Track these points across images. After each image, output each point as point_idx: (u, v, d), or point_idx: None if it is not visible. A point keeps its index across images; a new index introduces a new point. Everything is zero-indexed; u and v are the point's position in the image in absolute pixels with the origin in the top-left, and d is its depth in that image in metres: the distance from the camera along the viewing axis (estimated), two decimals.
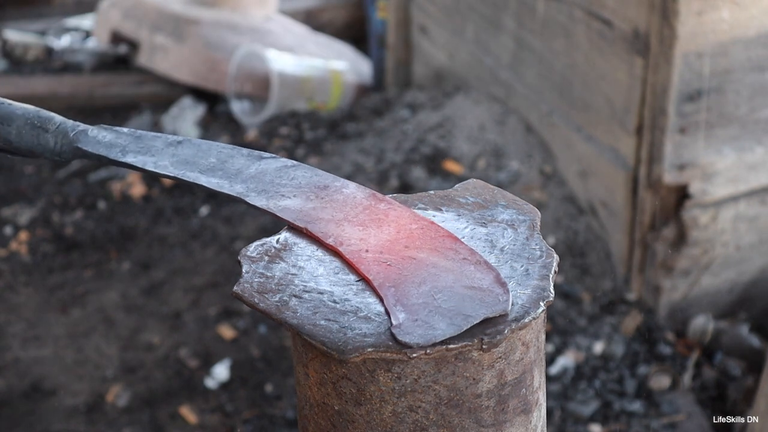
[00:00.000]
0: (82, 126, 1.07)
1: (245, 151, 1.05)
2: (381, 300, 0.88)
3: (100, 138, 1.06)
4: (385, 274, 0.90)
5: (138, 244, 3.02)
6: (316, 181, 1.02)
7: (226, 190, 1.01)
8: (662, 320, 2.49)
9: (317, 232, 0.95)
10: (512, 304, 0.88)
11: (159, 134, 1.07)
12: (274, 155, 1.05)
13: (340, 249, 0.93)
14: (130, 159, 1.04)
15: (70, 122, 1.08)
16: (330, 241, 0.94)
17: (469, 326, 0.85)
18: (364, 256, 0.92)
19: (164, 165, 1.03)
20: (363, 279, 0.91)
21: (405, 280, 0.89)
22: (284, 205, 0.99)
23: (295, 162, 1.04)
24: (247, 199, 1.00)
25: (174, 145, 1.05)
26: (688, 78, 2.30)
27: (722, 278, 2.53)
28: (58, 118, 1.08)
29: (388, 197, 1.00)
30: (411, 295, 0.87)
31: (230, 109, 3.67)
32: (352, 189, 1.01)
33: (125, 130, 1.07)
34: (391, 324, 0.85)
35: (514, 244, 0.96)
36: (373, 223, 0.96)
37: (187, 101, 3.72)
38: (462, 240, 0.95)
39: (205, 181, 1.02)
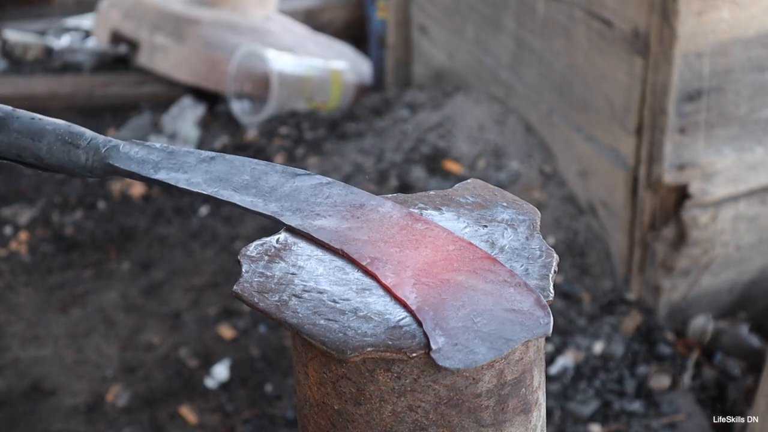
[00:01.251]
0: (113, 141, 1.05)
1: (279, 167, 1.03)
2: (419, 324, 0.87)
3: (132, 154, 1.04)
4: (423, 297, 0.88)
5: (138, 244, 3.02)
6: (352, 199, 1.00)
7: (260, 209, 0.99)
8: (662, 320, 2.49)
9: (354, 254, 0.94)
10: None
11: (192, 150, 1.04)
12: (309, 172, 1.02)
13: (377, 273, 0.92)
14: (162, 176, 1.01)
15: (102, 137, 1.05)
16: (366, 263, 0.93)
17: (509, 350, 0.84)
18: (401, 280, 0.91)
19: (197, 182, 1.01)
20: (401, 304, 0.89)
21: (444, 304, 0.87)
22: (319, 225, 0.97)
23: (330, 179, 1.02)
24: (282, 219, 0.98)
25: (207, 162, 1.03)
26: (688, 78, 2.30)
27: (722, 278, 2.53)
28: (89, 133, 1.05)
29: (424, 216, 0.98)
30: (450, 318, 0.86)
31: (230, 109, 3.67)
32: (388, 208, 0.99)
33: (157, 145, 1.05)
34: (431, 349, 0.84)
35: (514, 244, 0.96)
36: (410, 244, 0.94)
37: (187, 101, 3.72)
38: (499, 261, 0.94)
39: (238, 199, 0.99)
